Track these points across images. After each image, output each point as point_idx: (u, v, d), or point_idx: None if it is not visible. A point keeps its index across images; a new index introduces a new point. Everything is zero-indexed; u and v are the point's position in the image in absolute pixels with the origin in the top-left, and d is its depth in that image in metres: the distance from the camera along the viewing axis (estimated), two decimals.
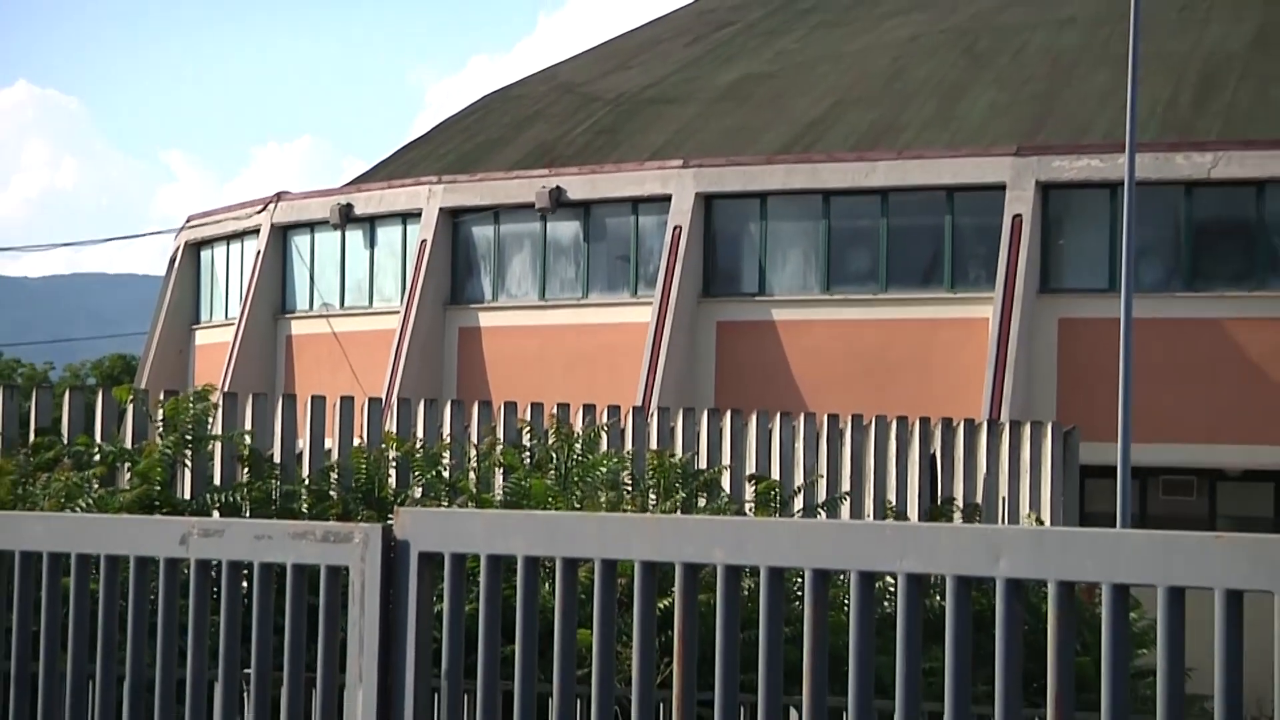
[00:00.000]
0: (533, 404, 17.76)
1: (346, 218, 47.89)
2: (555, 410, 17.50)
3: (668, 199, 43.13)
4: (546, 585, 5.60)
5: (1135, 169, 35.84)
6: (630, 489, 16.47)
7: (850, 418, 19.61)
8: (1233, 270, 40.24)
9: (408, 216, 46.72)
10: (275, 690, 6.17)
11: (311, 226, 49.05)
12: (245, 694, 6.23)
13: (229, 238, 51.99)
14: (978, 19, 47.14)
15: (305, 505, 15.00)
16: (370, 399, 17.34)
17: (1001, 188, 40.73)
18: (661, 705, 5.44)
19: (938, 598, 4.42)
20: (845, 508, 18.80)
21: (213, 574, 6.29)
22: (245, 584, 6.23)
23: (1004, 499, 20.32)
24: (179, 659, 6.36)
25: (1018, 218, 40.51)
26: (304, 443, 16.08)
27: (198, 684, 6.34)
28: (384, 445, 16.26)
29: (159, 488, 14.52)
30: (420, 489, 15.82)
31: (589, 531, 5.76)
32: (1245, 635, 4.63)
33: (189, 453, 15.25)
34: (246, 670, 6.20)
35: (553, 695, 5.52)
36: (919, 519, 19.28)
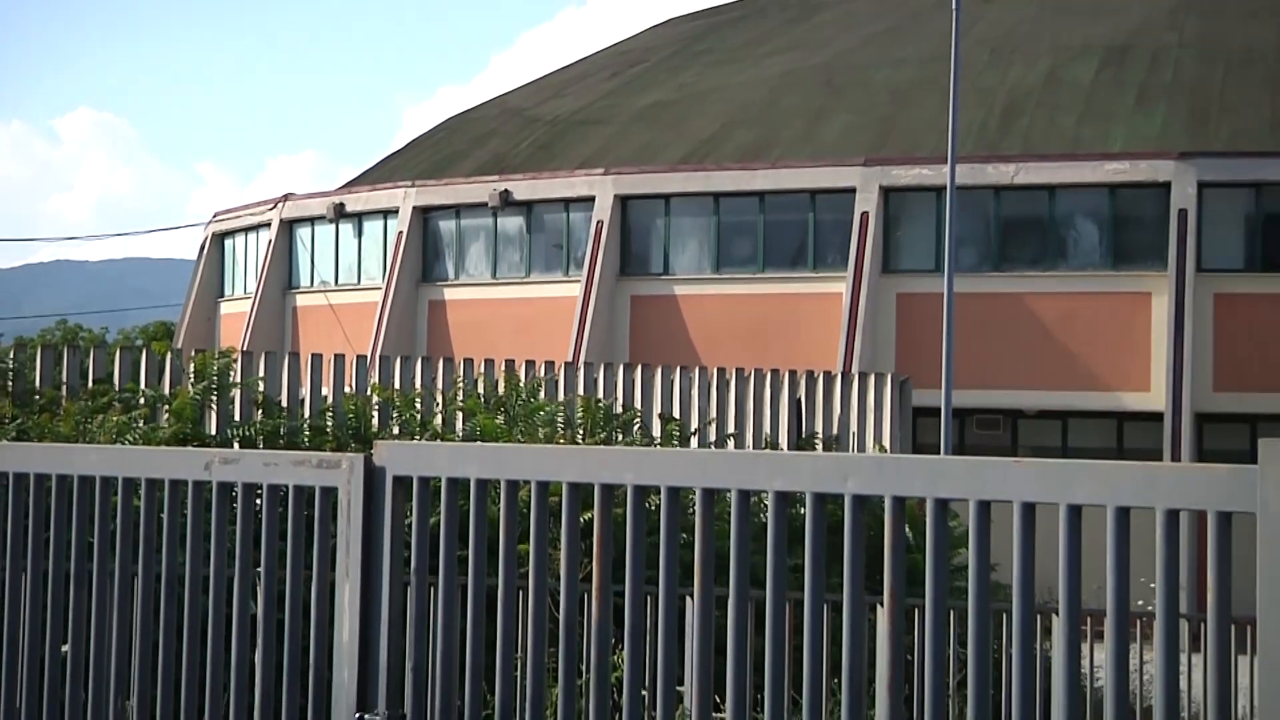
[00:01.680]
0: (486, 360, 17.71)
1: (340, 214, 47.81)
2: (504, 365, 17.45)
3: (592, 199, 43.12)
4: (494, 503, 5.61)
5: (955, 176, 36.00)
6: (563, 427, 16.43)
7: (734, 371, 19.59)
8: (1030, 255, 40.45)
9: (388, 213, 46.62)
10: (280, 585, 6.14)
11: (312, 221, 48.91)
12: (257, 588, 6.18)
13: (247, 229, 51.78)
14: (835, 58, 47.16)
15: (306, 439, 14.94)
16: (358, 356, 17.30)
17: (852, 191, 40.88)
18: (584, 596, 5.41)
19: (800, 509, 4.42)
20: (731, 442, 18.81)
21: (231, 494, 6.26)
22: (257, 501, 6.19)
23: (854, 434, 20.35)
24: (204, 560, 6.33)
25: (865, 214, 40.67)
26: (305, 391, 16.02)
27: (219, 580, 6.30)
28: (369, 393, 16.22)
29: (190, 426, 14.45)
30: (398, 427, 15.78)
31: (528, 460, 5.74)
32: (1036, 539, 4.64)
33: (214, 398, 15.19)
34: (257, 569, 6.16)
35: (499, 588, 5.50)
36: (788, 449, 19.32)
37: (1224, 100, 41.75)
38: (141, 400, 14.87)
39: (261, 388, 15.73)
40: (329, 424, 15.41)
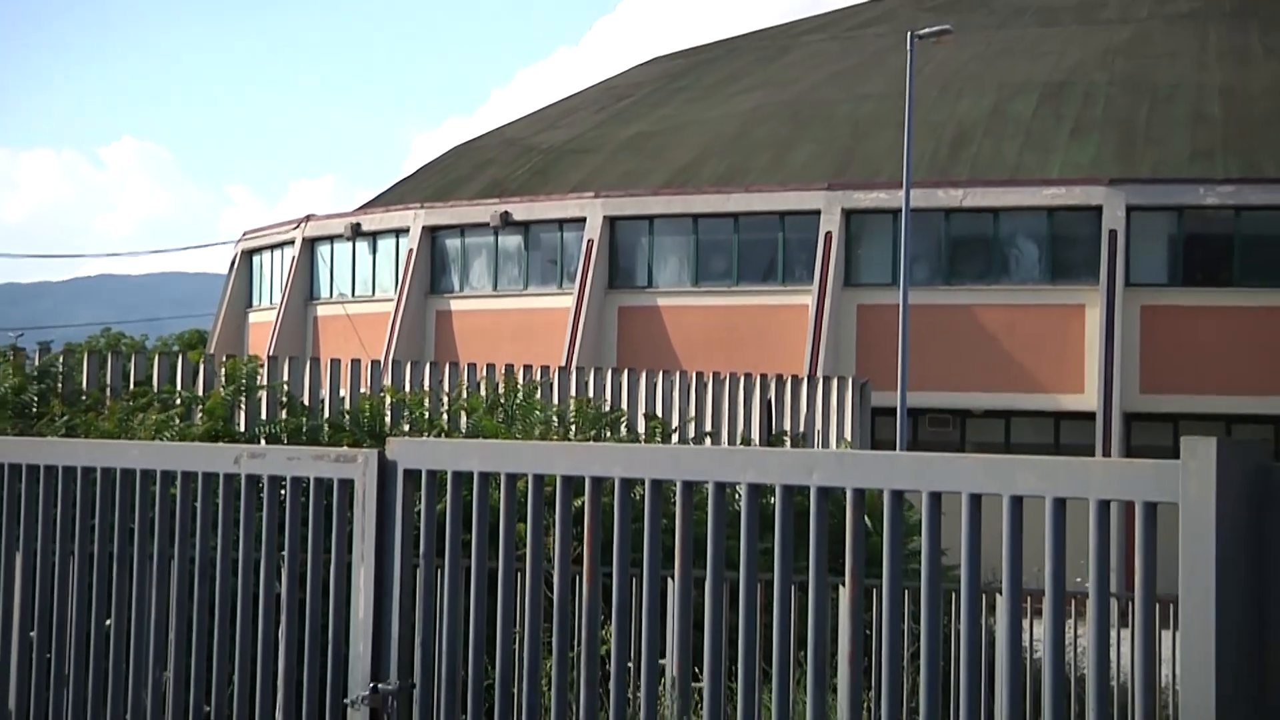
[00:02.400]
0: (487, 365, 17.66)
1: (356, 233, 47.82)
2: (503, 369, 17.43)
3: (583, 220, 43.14)
4: (494, 493, 5.60)
5: (910, 200, 36.10)
6: (557, 425, 16.41)
7: (711, 374, 19.57)
8: (976, 271, 40.50)
9: (400, 232, 46.60)
10: (302, 568, 6.13)
11: (331, 239, 48.88)
12: (281, 570, 6.18)
13: (272, 246, 51.74)
14: (801, 94, 47.18)
15: (326, 436, 14.89)
16: (373, 361, 17.23)
17: (817, 213, 40.93)
18: (576, 577, 5.41)
19: (770, 499, 4.41)
20: (708, 439, 18.78)
21: (258, 485, 6.25)
22: (281, 492, 6.18)
23: (818, 431, 20.32)
24: (233, 545, 6.32)
25: (828, 234, 40.70)
26: (325, 392, 15.97)
27: (247, 563, 6.30)
28: (383, 394, 16.17)
29: (221, 423, 14.40)
30: (408, 425, 15.74)
31: (525, 455, 5.74)
32: (982, 527, 4.64)
33: (243, 398, 15.14)
34: (282, 553, 6.15)
35: (499, 570, 5.50)
36: (759, 446, 19.32)
37: (1149, 132, 41.81)
38: (178, 400, 14.81)
39: (286, 389, 15.69)
40: (346, 422, 15.37)
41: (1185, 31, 46.33)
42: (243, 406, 15.18)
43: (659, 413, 18.40)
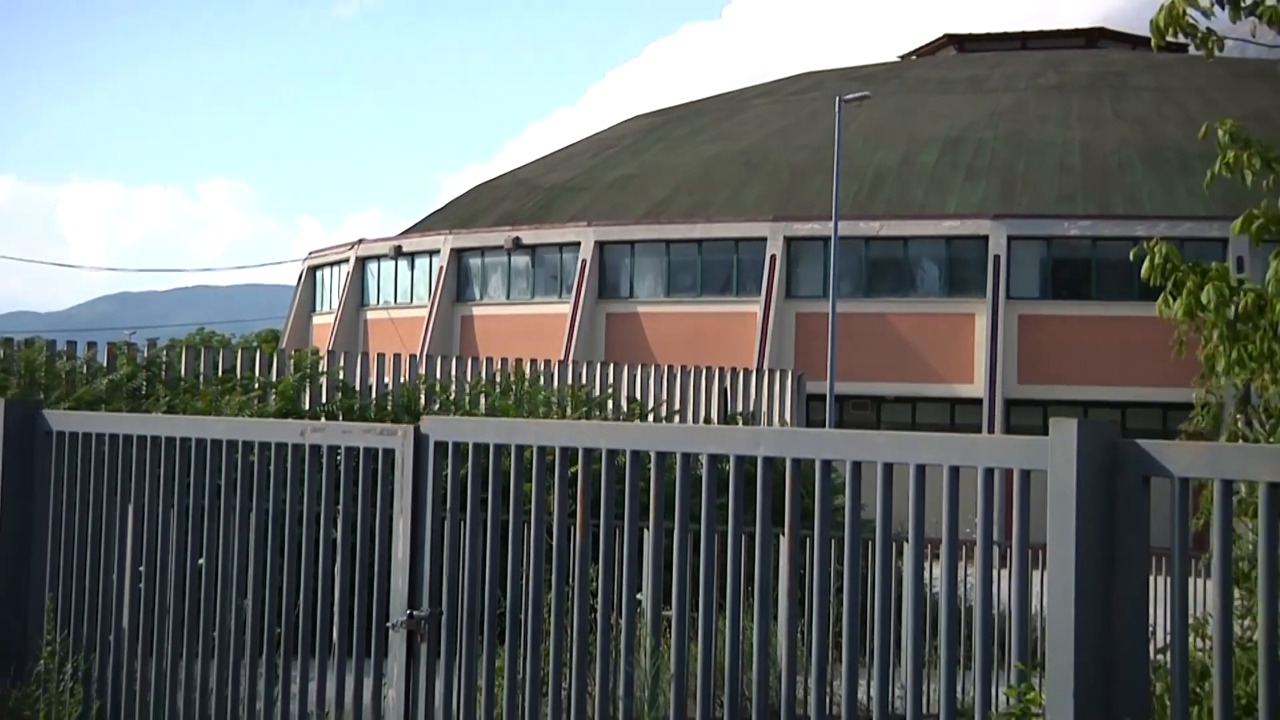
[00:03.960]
0: (501, 359, 17.64)
1: (398, 253, 47.78)
2: (514, 362, 17.40)
3: (578, 244, 43.18)
4: (506, 460, 5.60)
5: (838, 230, 36.10)
6: (556, 407, 16.39)
7: (680, 367, 19.56)
8: (889, 286, 40.59)
9: (432, 253, 46.57)
10: (353, 518, 6.12)
11: (379, 258, 48.83)
12: (337, 520, 6.16)
13: (332, 264, 51.65)
14: (752, 145, 47.17)
15: (373, 414, 14.87)
16: (410, 355, 17.19)
17: (764, 239, 40.99)
18: (570, 528, 5.41)
19: (726, 467, 4.42)
20: (676, 419, 18.77)
21: (319, 453, 6.23)
22: (337, 458, 6.16)
23: (765, 413, 20.32)
24: (299, 500, 6.30)
25: (773, 256, 40.76)
26: (373, 379, 15.95)
27: (310, 514, 6.28)
28: (418, 382, 16.15)
29: (290, 403, 14.38)
30: (438, 406, 15.72)
31: (531, 431, 5.71)
32: (893, 489, 4.64)
33: (308, 384, 15.12)
34: (338, 507, 6.14)
35: (509, 522, 5.49)
36: (717, 424, 19.33)
37: (1025, 178, 41.91)
38: (256, 385, 14.79)
39: (341, 376, 15.67)
40: (389, 404, 15.35)
41: (1053, 100, 46.45)
42: (307, 390, 15.16)
43: (638, 397, 18.40)
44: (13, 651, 7.31)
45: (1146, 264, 5.25)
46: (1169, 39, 4.82)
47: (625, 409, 17.84)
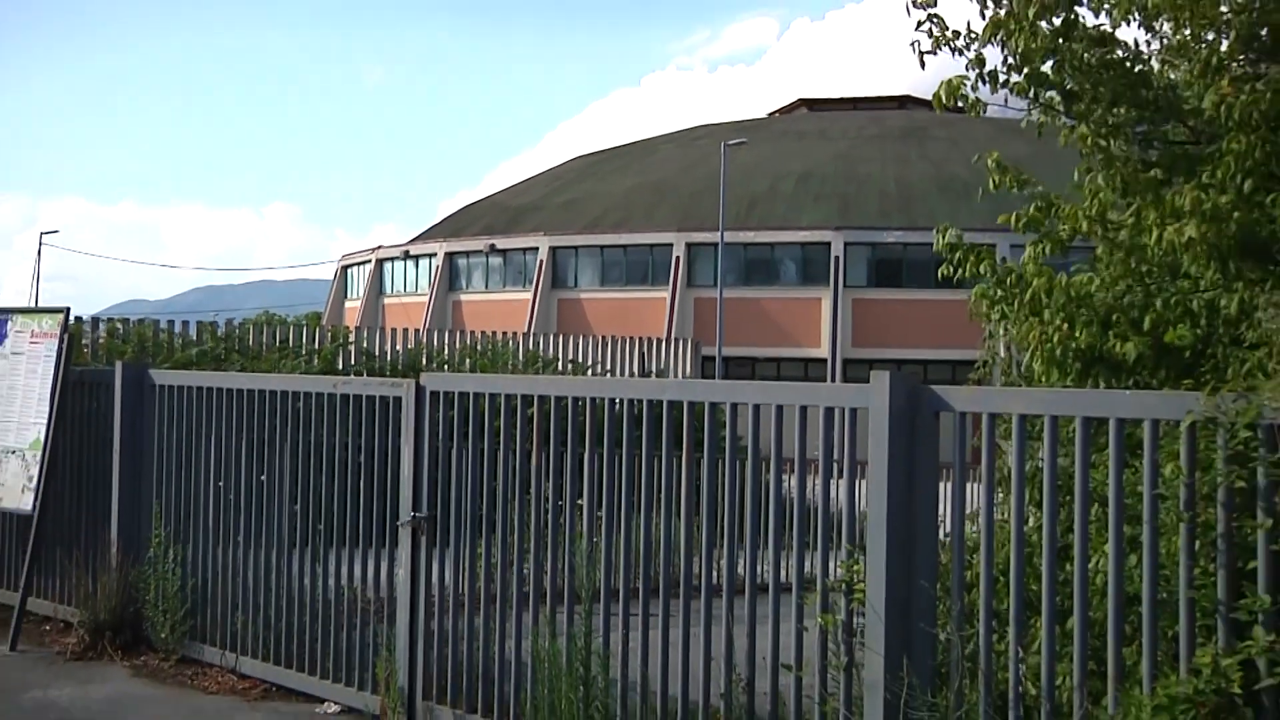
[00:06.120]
0: (482, 332, 17.51)
1: (407, 256, 47.26)
2: (491, 334, 17.28)
3: (537, 249, 42.90)
4: (484, 404, 5.58)
5: (724, 238, 36.07)
6: (520, 366, 16.29)
7: (610, 337, 19.50)
8: (761, 279, 40.59)
9: (431, 255, 46.09)
10: (371, 447, 6.04)
11: (393, 260, 48.28)
12: (361, 448, 6.09)
13: (359, 264, 50.97)
14: (662, 178, 46.92)
15: (388, 372, 14.71)
16: (415, 330, 17.02)
17: (671, 245, 40.93)
18: (529, 454, 5.39)
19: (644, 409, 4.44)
20: (607, 375, 18.70)
21: (348, 399, 6.16)
22: (360, 405, 6.10)
23: (671, 370, 20.31)
24: (333, 434, 6.23)
25: (678, 257, 40.70)
26: (388, 347, 15.79)
27: (340, 444, 6.21)
28: (420, 349, 16.00)
29: (328, 363, 14.21)
30: (434, 365, 15.59)
31: (501, 382, 5.68)
32: (761, 423, 4.64)
33: (341, 351, 14.95)
34: (360, 438, 6.07)
35: (484, 450, 5.45)
36: (637, 378, 19.31)
37: (856, 202, 41.98)
38: (304, 352, 14.61)
39: (365, 345, 15.51)
40: (399, 364, 15.21)
41: (875, 146, 46.54)
42: (341, 356, 14.99)
43: (579, 360, 18.34)
44: (133, 543, 7.31)
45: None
46: (951, 105, 4.92)
47: (571, 368, 17.77)
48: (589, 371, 17.99)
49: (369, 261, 49.51)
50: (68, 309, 7.82)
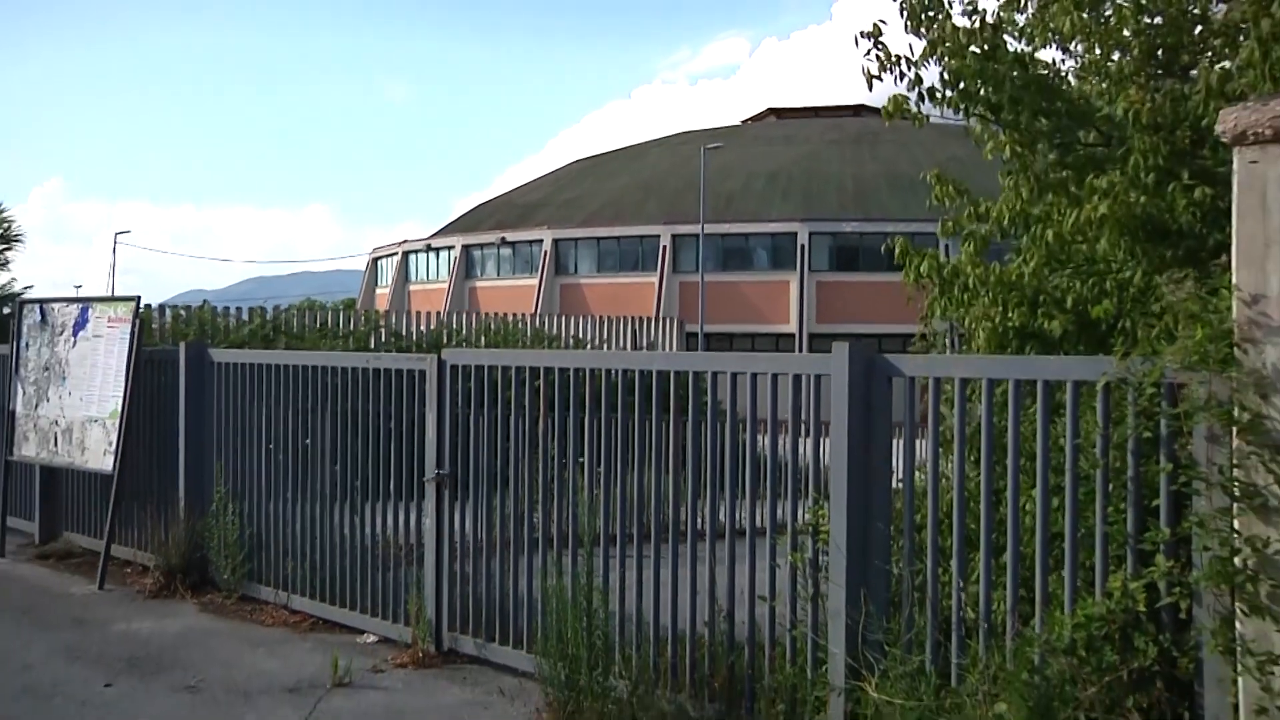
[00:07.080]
0: (494, 314, 17.45)
1: (429, 248, 47.01)
2: (502, 315, 17.24)
3: (542, 240, 42.73)
4: (497, 375, 5.57)
5: (705, 229, 35.93)
6: (528, 342, 16.25)
7: (606, 317, 19.47)
8: (738, 264, 40.46)
9: (450, 248, 45.89)
10: (400, 414, 6.03)
11: (417, 252, 48.05)
12: (391, 414, 6.09)
13: (387, 255, 50.75)
14: (650, 178, 46.70)
15: (413, 349, 14.66)
16: (437, 313, 16.95)
17: (659, 235, 40.76)
18: (538, 418, 5.39)
19: (634, 376, 4.44)
20: (604, 349, 18.64)
21: (379, 372, 6.14)
22: (390, 378, 6.08)
23: (659, 345, 20.26)
24: (366, 402, 6.20)
25: (665, 246, 40.52)
26: (414, 328, 15.75)
27: (373, 412, 6.19)
28: (441, 329, 15.94)
29: (362, 344, 14.15)
30: (454, 342, 15.53)
31: (513, 357, 5.65)
32: (740, 390, 4.64)
33: (373, 332, 14.90)
34: (390, 407, 6.05)
35: (498, 415, 5.44)
36: (630, 351, 19.26)
37: (819, 197, 41.81)
38: (340, 333, 14.55)
39: (393, 327, 15.46)
40: (424, 342, 15.15)
41: (834, 149, 46.30)
42: (373, 336, 14.94)
43: (580, 336, 18.29)
44: (197, 498, 7.33)
45: (897, 251, 5.35)
46: (897, 117, 4.98)
47: (572, 344, 17.72)
48: (588, 346, 17.97)
49: (396, 254, 49.32)
50: (138, 297, 7.93)
